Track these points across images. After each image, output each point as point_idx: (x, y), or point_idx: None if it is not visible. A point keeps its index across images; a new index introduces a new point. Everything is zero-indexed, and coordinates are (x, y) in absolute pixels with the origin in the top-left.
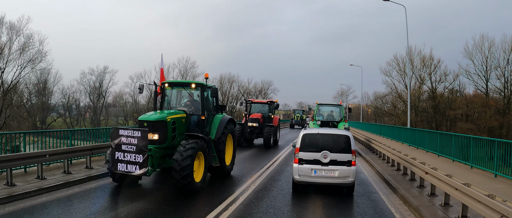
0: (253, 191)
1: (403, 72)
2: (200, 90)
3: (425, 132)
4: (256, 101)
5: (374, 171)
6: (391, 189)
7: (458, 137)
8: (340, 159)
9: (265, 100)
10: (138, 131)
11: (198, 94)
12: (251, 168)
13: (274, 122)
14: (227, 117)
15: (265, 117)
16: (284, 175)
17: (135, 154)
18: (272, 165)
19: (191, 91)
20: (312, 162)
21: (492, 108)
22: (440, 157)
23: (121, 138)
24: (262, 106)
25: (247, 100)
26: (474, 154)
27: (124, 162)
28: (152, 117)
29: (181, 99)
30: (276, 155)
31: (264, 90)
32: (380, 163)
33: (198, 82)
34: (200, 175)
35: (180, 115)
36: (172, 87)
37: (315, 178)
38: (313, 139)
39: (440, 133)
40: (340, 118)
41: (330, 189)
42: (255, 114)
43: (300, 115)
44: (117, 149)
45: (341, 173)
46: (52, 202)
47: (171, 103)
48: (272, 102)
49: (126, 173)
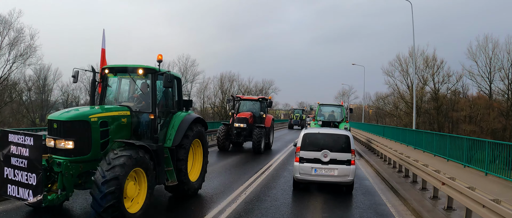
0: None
1: (406, 73)
2: (150, 78)
3: (433, 134)
4: (245, 98)
5: (380, 177)
6: (401, 200)
7: (470, 140)
8: (340, 158)
9: (256, 97)
10: (31, 137)
11: (149, 85)
12: (229, 183)
13: (266, 122)
14: (193, 115)
15: (256, 116)
16: (272, 193)
17: (27, 172)
18: (260, 177)
19: (141, 80)
20: (312, 160)
21: (495, 110)
22: (450, 161)
23: (10, 147)
24: (253, 104)
25: (234, 96)
26: (489, 159)
27: (15, 183)
28: (64, 115)
29: (135, 92)
30: (267, 163)
31: (265, 89)
32: (386, 168)
33: (147, 66)
34: (140, 203)
35: (119, 113)
36: (114, 73)
37: (315, 177)
38: (314, 138)
39: (449, 135)
40: (341, 118)
41: (330, 189)
42: (243, 113)
43: (300, 115)
44: (6, 162)
45: (341, 172)
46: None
47: (118, 97)
48: (264, 100)
49: (19, 200)
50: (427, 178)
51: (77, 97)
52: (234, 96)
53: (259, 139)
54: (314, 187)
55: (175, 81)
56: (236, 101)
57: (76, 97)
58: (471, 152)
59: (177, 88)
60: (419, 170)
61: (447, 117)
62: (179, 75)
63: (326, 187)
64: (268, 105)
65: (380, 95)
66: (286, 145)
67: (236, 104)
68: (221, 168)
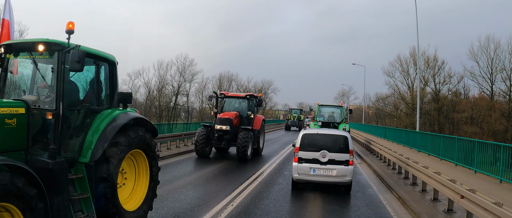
0: None
1: (406, 73)
2: (56, 58)
3: (439, 136)
4: (231, 95)
5: (384, 184)
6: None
7: (483, 144)
8: (338, 158)
9: (243, 94)
10: None
11: (53, 68)
12: (206, 197)
13: (255, 124)
14: (132, 114)
15: (243, 116)
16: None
17: None
18: (247, 188)
19: (42, 61)
20: (311, 161)
21: (497, 111)
22: (458, 166)
23: None
24: (239, 102)
25: (217, 93)
26: (504, 165)
27: None
28: None
29: (42, 80)
30: (253, 174)
31: (264, 89)
32: (391, 175)
33: (49, 40)
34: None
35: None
36: (13, 53)
37: (314, 177)
38: (313, 138)
39: (458, 138)
40: (341, 119)
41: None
42: (227, 113)
43: (298, 115)
44: None
45: (339, 172)
46: None
47: (23, 85)
48: (253, 97)
49: None
50: (441, 188)
51: None
52: (217, 93)
53: (245, 144)
54: (314, 196)
55: (104, 66)
56: (220, 98)
57: None
58: (480, 155)
59: (109, 76)
60: (431, 179)
61: (447, 118)
62: (109, 57)
63: (326, 195)
64: (258, 104)
65: (380, 96)
66: (282, 148)
67: (220, 103)
68: (199, 179)
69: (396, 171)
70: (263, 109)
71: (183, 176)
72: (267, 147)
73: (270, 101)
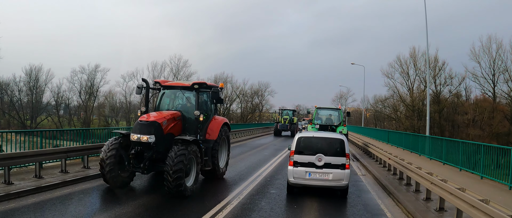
0: None
1: (406, 74)
2: None
3: (458, 142)
4: (171, 85)
5: (386, 192)
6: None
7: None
8: (334, 162)
9: (189, 83)
10: None
11: None
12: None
13: (209, 131)
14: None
15: (189, 119)
16: None
17: None
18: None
19: None
20: (306, 164)
21: (500, 113)
22: (484, 178)
23: None
24: (185, 96)
25: (146, 81)
26: None
27: None
28: None
29: None
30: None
31: (260, 91)
32: (393, 180)
33: None
34: None
35: None
36: None
37: (310, 181)
38: (308, 142)
39: (484, 145)
40: (339, 122)
41: None
42: (157, 113)
43: (290, 117)
44: None
45: (335, 176)
46: None
47: None
48: (203, 87)
49: None
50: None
51: (71, 98)
52: (147, 81)
53: (178, 168)
54: (311, 202)
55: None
56: (154, 91)
57: (70, 98)
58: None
59: (215, 97)
60: (460, 200)
61: (448, 121)
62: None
63: (321, 200)
64: (215, 98)
65: (379, 98)
66: (264, 163)
67: (155, 97)
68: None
69: (393, 172)
70: (259, 111)
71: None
72: (241, 162)
73: (267, 104)
